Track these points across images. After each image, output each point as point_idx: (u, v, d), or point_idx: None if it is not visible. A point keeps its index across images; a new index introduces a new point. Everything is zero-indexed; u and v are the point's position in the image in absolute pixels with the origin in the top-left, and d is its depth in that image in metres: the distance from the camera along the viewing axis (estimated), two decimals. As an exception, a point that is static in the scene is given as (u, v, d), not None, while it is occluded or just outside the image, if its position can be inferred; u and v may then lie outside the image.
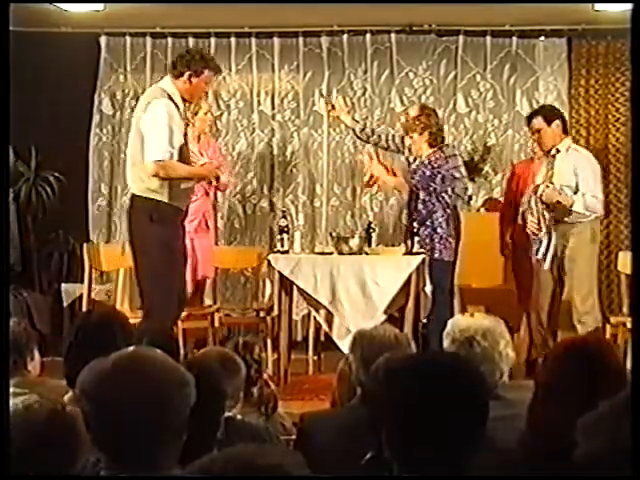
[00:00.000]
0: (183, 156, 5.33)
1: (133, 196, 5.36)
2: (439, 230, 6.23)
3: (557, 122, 6.04)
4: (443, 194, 6.26)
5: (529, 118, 6.24)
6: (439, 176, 6.26)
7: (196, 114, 6.67)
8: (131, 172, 5.40)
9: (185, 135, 5.40)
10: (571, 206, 5.84)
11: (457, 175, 6.29)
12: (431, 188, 6.26)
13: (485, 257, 6.91)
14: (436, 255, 6.20)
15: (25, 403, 2.27)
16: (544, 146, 6.10)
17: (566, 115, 7.68)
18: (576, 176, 5.92)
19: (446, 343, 3.18)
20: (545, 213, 5.90)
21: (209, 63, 5.46)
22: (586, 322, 5.87)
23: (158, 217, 5.22)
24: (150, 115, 5.22)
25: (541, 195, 5.89)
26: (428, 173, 6.28)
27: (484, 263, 6.93)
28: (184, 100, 5.41)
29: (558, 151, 6.02)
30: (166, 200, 5.23)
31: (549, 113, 6.15)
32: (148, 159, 5.20)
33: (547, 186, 5.90)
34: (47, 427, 2.21)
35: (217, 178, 6.40)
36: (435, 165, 6.29)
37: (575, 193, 5.89)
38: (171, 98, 5.28)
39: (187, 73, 5.33)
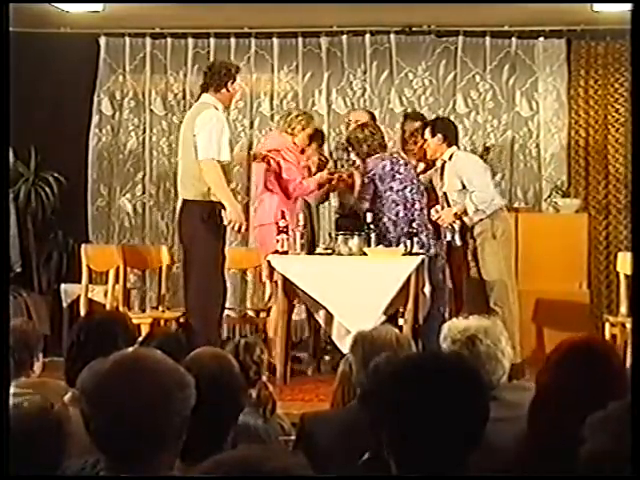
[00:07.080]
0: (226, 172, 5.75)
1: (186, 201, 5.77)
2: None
3: (439, 136, 6.38)
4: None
5: (424, 125, 6.63)
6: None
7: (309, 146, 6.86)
8: (185, 178, 5.81)
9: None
10: (465, 212, 6.27)
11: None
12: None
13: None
14: None
15: (15, 402, 2.27)
16: (428, 155, 6.54)
17: (568, 116, 7.74)
18: (460, 179, 6.33)
19: (445, 345, 3.16)
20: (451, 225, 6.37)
21: (237, 67, 5.98)
22: (501, 309, 6.21)
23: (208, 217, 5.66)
24: (206, 120, 5.62)
25: (437, 221, 6.39)
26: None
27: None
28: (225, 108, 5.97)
29: (444, 161, 6.41)
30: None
31: (436, 126, 6.49)
32: (203, 156, 5.61)
33: (437, 211, 6.36)
34: (33, 426, 2.20)
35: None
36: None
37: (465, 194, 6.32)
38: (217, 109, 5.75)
39: (226, 82, 5.78)
